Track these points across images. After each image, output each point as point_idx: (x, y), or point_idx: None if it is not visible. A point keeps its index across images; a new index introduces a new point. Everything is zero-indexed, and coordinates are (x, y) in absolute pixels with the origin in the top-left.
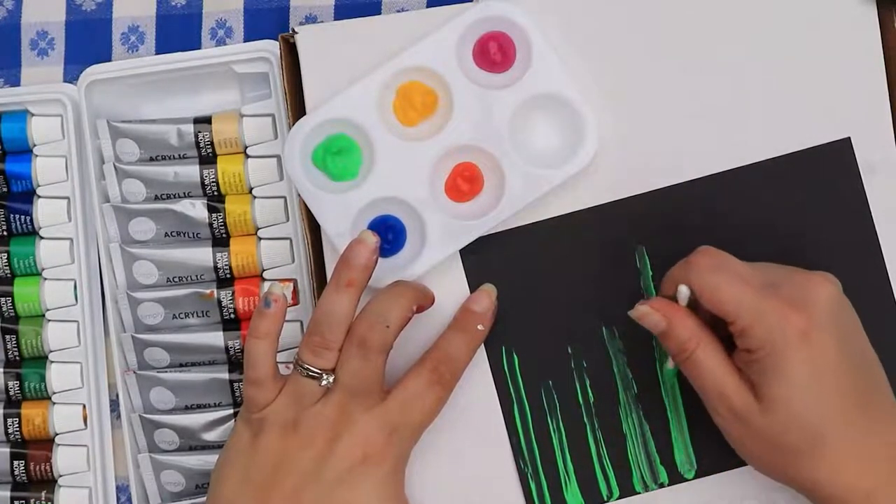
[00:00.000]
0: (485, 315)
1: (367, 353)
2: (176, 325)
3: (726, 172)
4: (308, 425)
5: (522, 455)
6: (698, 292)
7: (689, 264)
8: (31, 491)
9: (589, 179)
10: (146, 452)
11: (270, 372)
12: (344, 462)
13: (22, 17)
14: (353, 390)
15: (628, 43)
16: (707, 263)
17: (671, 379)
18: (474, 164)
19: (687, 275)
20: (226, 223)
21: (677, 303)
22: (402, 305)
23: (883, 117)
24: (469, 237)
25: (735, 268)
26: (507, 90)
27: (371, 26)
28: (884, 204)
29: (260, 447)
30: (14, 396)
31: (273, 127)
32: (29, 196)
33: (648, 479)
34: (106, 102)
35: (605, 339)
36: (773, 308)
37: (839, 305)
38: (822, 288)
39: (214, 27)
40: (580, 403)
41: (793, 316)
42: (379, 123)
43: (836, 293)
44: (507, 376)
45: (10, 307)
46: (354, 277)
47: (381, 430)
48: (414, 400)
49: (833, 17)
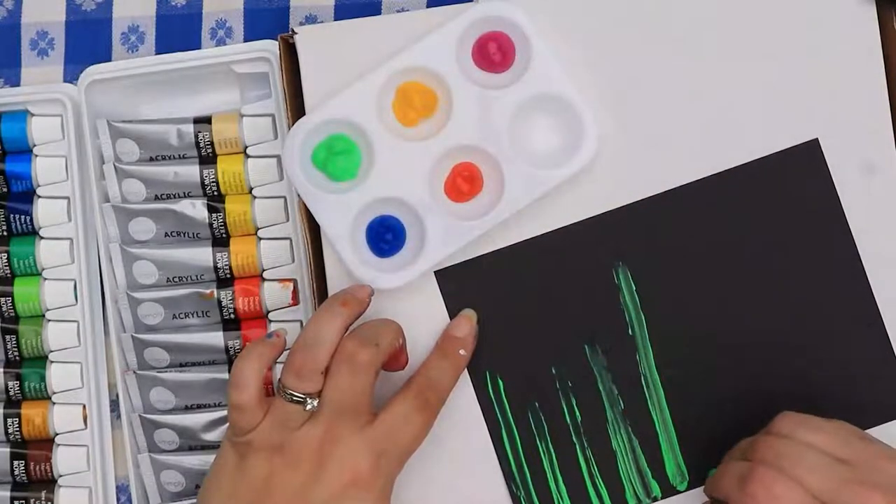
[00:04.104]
0: (466, 340)
1: (355, 370)
2: (176, 325)
3: (705, 179)
4: (294, 448)
5: (514, 479)
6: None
7: (744, 493)
8: (31, 491)
9: (588, 179)
10: (146, 452)
11: (255, 395)
12: (331, 487)
13: (22, 17)
14: (341, 408)
15: (628, 43)
16: (762, 495)
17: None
18: (474, 164)
19: (741, 501)
20: (226, 223)
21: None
22: (392, 330)
23: (883, 117)
24: (468, 237)
25: (790, 499)
26: (507, 90)
27: (371, 26)
28: (884, 204)
29: (246, 470)
30: (14, 396)
31: (273, 127)
32: (29, 196)
33: (641, 494)
34: (106, 102)
35: (588, 356)
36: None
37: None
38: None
39: (214, 27)
40: (568, 423)
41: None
42: (378, 123)
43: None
44: (493, 401)
45: (10, 307)
46: (349, 301)
47: (368, 454)
48: (401, 424)
49: (833, 17)
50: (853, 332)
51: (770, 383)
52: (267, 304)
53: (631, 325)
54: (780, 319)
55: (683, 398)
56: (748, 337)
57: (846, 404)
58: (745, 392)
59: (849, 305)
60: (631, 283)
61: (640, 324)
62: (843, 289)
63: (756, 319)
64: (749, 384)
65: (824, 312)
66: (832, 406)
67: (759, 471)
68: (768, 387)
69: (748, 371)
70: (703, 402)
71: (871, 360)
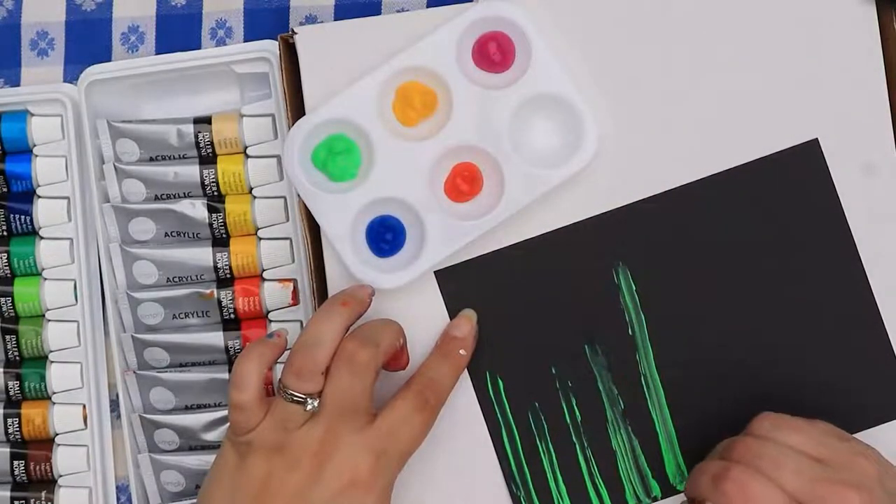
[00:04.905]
0: (466, 340)
1: (356, 370)
2: (176, 325)
3: (705, 179)
4: (294, 448)
5: (514, 479)
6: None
7: (718, 491)
8: (31, 491)
9: (588, 180)
10: (146, 452)
11: (256, 395)
12: (331, 487)
13: (22, 17)
14: (341, 409)
15: (628, 43)
16: (736, 493)
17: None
18: (474, 164)
19: (716, 499)
20: (226, 223)
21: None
22: (393, 330)
23: (883, 117)
24: (469, 237)
25: (765, 498)
26: (507, 90)
27: (371, 26)
28: (884, 204)
29: (246, 469)
30: (14, 396)
31: (273, 127)
32: (29, 196)
33: (641, 494)
34: (106, 102)
35: (588, 356)
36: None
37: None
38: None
39: (214, 27)
40: (568, 423)
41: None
42: (378, 123)
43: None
44: (494, 401)
45: (10, 307)
46: (349, 301)
47: (368, 454)
48: (401, 425)
49: (833, 17)
50: (853, 332)
51: (770, 383)
52: (267, 304)
53: (631, 325)
54: (779, 319)
55: (683, 398)
56: (748, 337)
57: (846, 404)
58: (745, 392)
59: (849, 305)
60: (631, 283)
61: (640, 324)
62: (843, 289)
63: (756, 319)
64: (749, 384)
65: (824, 312)
66: (831, 406)
67: (735, 470)
68: (768, 386)
69: (748, 371)
70: (703, 402)
71: (870, 360)
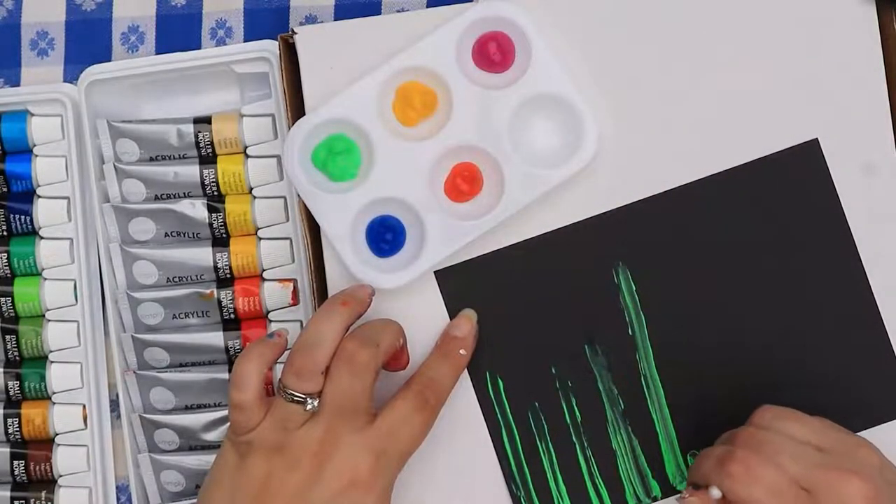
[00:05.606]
0: (466, 339)
1: (355, 370)
2: (176, 325)
3: (705, 179)
4: (294, 448)
5: (514, 479)
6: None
7: (723, 472)
8: (31, 491)
9: (588, 180)
10: (146, 452)
11: (256, 395)
12: (331, 487)
13: (22, 17)
14: (341, 409)
15: (628, 43)
16: (741, 474)
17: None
18: (474, 164)
19: (720, 481)
20: (226, 223)
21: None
22: (393, 330)
23: (883, 117)
24: (468, 237)
25: (770, 479)
26: (507, 90)
27: (371, 26)
28: (884, 204)
29: (246, 469)
30: (14, 396)
31: (273, 127)
32: (29, 196)
33: (641, 494)
34: (106, 102)
35: (588, 356)
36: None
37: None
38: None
39: (214, 27)
40: (568, 423)
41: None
42: (378, 123)
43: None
44: (494, 401)
45: (10, 307)
46: (349, 301)
47: (368, 454)
48: (401, 424)
49: (833, 17)
50: (853, 332)
51: (770, 382)
52: (267, 304)
53: (631, 325)
54: (779, 319)
55: (683, 398)
56: (748, 336)
57: (846, 404)
58: (745, 391)
59: (849, 305)
60: (631, 283)
61: (640, 324)
62: (843, 289)
63: (756, 319)
64: (749, 383)
65: (824, 312)
66: (832, 406)
67: (740, 453)
68: (768, 386)
69: (748, 370)
70: (703, 402)
71: (870, 360)
